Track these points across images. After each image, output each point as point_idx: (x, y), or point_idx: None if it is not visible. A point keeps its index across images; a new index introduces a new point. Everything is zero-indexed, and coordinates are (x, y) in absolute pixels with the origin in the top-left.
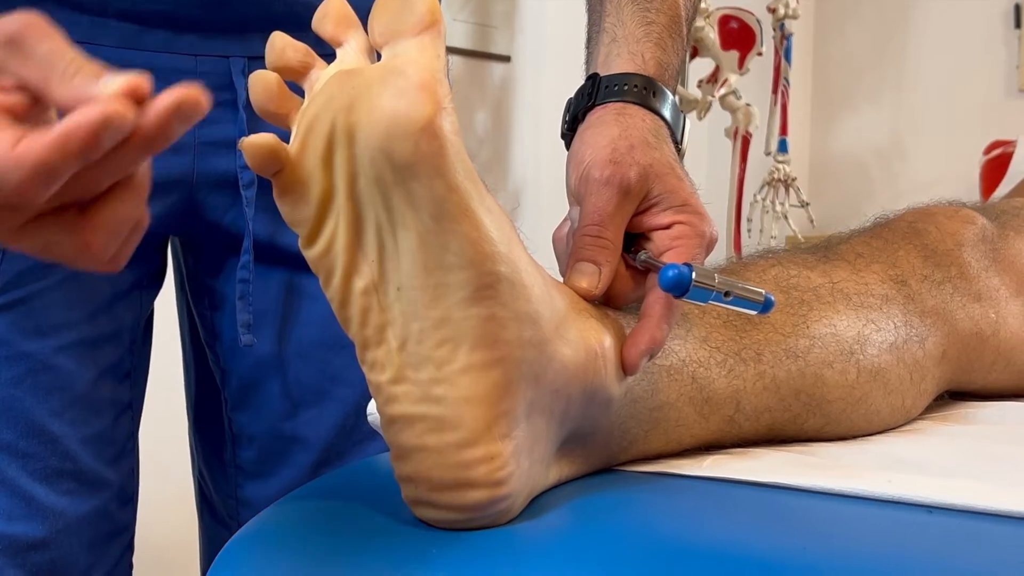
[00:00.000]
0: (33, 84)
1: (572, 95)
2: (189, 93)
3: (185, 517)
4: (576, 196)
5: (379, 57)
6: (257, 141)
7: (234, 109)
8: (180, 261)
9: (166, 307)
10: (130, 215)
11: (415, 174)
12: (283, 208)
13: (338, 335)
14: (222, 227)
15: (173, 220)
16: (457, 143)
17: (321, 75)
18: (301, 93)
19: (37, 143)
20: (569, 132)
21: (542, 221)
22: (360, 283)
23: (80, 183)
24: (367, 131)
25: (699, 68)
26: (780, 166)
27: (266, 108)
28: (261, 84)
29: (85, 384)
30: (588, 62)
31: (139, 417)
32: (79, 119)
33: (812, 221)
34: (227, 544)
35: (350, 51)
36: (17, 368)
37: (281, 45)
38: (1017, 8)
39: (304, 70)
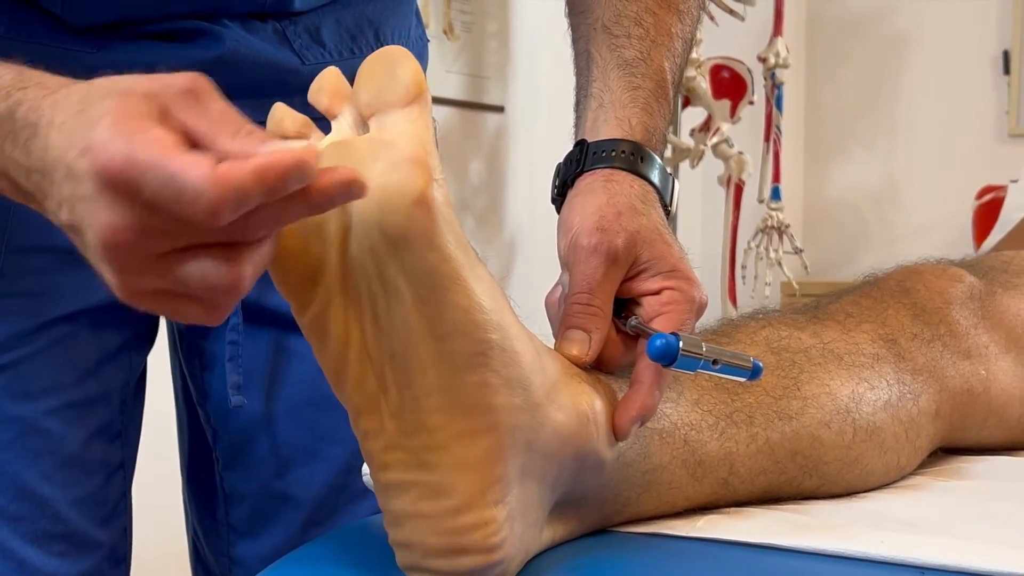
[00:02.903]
0: (200, 134)
1: (562, 160)
2: (357, 177)
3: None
4: (565, 263)
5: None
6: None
7: None
8: (172, 321)
9: (161, 366)
10: (270, 255)
11: (408, 246)
12: (275, 276)
13: (327, 394)
14: None
15: None
16: (449, 214)
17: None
18: None
19: (238, 167)
20: (559, 197)
21: (537, 268)
22: (354, 352)
23: (247, 223)
24: (360, 204)
25: (691, 117)
26: (773, 213)
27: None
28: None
29: (75, 446)
30: (576, 127)
31: (131, 476)
32: (277, 157)
33: (806, 267)
34: None
35: (344, 124)
36: (7, 432)
37: (280, 115)
38: (1006, 54)
39: (301, 140)
